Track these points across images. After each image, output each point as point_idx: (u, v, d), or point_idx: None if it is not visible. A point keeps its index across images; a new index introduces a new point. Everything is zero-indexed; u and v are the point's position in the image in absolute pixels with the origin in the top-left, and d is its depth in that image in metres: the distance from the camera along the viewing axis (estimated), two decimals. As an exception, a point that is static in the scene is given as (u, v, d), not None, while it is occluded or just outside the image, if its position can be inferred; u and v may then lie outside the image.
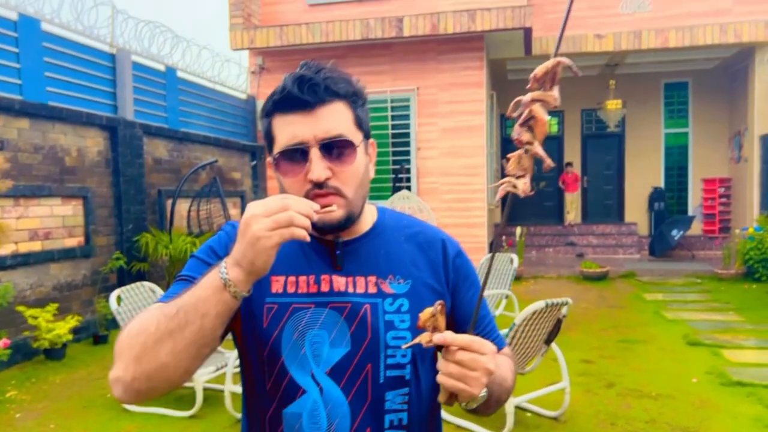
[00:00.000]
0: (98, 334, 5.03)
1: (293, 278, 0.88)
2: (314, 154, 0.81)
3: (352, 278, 0.88)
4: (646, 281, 7.72)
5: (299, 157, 0.82)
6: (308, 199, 0.78)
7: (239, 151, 8.05)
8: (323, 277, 0.87)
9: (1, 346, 3.92)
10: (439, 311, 0.77)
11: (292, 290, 0.87)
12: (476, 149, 7.78)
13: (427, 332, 0.77)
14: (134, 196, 5.81)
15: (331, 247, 0.89)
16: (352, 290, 0.87)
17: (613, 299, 6.68)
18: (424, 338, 0.77)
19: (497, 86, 9.40)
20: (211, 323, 0.72)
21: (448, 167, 7.83)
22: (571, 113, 11.27)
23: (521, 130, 0.72)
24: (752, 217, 8.39)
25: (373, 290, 0.88)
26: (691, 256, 9.70)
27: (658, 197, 10.68)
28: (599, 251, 10.11)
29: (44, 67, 5.11)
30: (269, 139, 0.87)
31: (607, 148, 11.39)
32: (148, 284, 3.99)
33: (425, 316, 0.77)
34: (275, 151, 0.85)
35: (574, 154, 11.38)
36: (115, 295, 3.64)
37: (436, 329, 0.77)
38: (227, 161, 7.73)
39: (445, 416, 3.19)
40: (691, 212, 10.62)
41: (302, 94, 0.81)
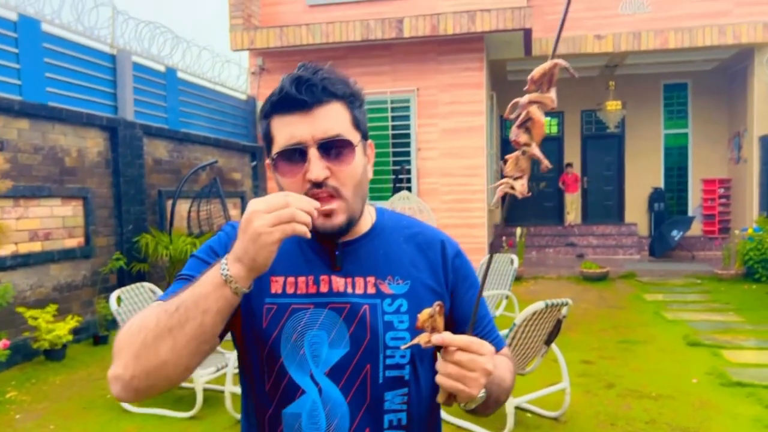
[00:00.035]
0: (98, 334, 5.04)
1: (292, 279, 0.88)
2: (313, 154, 0.81)
3: (351, 279, 0.88)
4: (646, 282, 7.72)
5: (298, 157, 0.82)
6: None
7: (239, 151, 8.06)
8: (322, 277, 0.88)
9: (0, 346, 3.92)
10: (437, 312, 0.77)
11: (291, 291, 0.88)
12: (476, 150, 7.78)
13: (425, 333, 0.77)
14: (134, 196, 5.81)
15: (330, 247, 0.89)
16: (351, 291, 0.87)
17: (613, 300, 6.67)
18: (422, 339, 0.77)
19: (497, 87, 9.41)
20: (211, 319, 0.73)
21: (448, 168, 7.84)
22: (570, 114, 11.28)
23: (518, 131, 0.73)
24: (752, 217, 8.39)
25: (372, 291, 0.88)
26: (691, 256, 9.70)
27: (657, 198, 10.68)
28: (599, 252, 10.11)
29: (44, 67, 5.12)
30: (268, 140, 0.87)
31: (606, 148, 11.40)
32: (148, 285, 4.00)
33: (424, 316, 0.77)
34: (274, 151, 0.85)
35: (574, 154, 11.39)
36: (115, 295, 3.65)
37: (434, 330, 0.77)
38: (227, 162, 7.73)
39: (445, 417, 3.19)
40: (690, 213, 10.62)
41: (300, 94, 0.81)
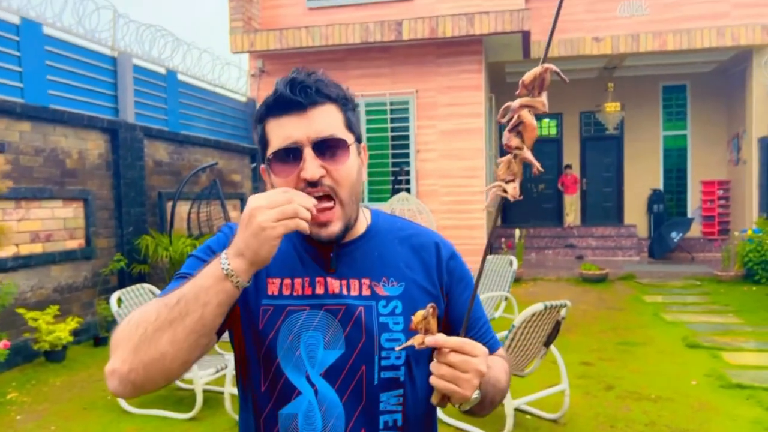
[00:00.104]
0: (99, 335, 5.04)
1: (288, 280, 0.89)
2: (308, 153, 0.82)
3: (346, 281, 0.89)
4: (645, 283, 7.72)
5: (293, 157, 0.83)
6: None
7: (239, 153, 8.08)
8: (318, 279, 0.89)
9: (0, 347, 3.94)
10: (430, 314, 0.78)
11: (287, 292, 0.88)
12: (475, 152, 7.80)
13: (419, 334, 0.78)
14: (135, 198, 5.82)
15: (325, 249, 0.90)
16: (346, 293, 0.88)
17: (612, 301, 6.67)
18: (416, 340, 0.78)
19: (496, 89, 9.42)
20: (212, 312, 0.73)
21: (447, 169, 7.85)
22: (569, 116, 11.29)
23: (510, 135, 0.74)
24: (751, 219, 8.39)
25: (367, 293, 0.88)
26: (690, 258, 9.70)
27: (657, 199, 10.68)
28: (598, 253, 10.11)
29: (46, 70, 5.14)
30: (263, 144, 0.88)
31: (606, 150, 11.41)
32: (148, 286, 4.01)
33: (417, 318, 0.78)
34: (269, 152, 0.86)
35: (573, 156, 11.39)
36: (115, 296, 3.66)
37: (428, 331, 0.78)
38: (227, 164, 7.75)
39: (444, 418, 3.20)
40: (690, 214, 10.62)
41: (294, 95, 0.82)
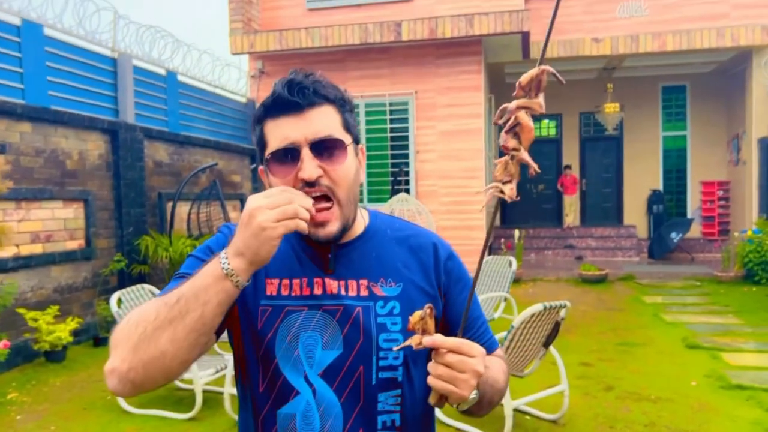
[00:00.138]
0: (98, 336, 5.05)
1: (287, 281, 0.89)
2: (305, 153, 0.83)
3: (344, 281, 0.89)
4: (645, 284, 7.71)
5: (291, 158, 0.84)
6: None
7: (239, 154, 8.09)
8: (316, 280, 0.89)
9: (1, 347, 3.94)
10: (428, 314, 0.78)
11: (285, 293, 0.89)
12: (474, 152, 7.80)
13: (417, 335, 0.78)
14: (135, 199, 5.83)
15: (323, 250, 0.90)
16: (344, 293, 0.88)
17: (611, 302, 6.67)
18: (414, 341, 0.78)
19: (495, 90, 9.43)
20: (211, 312, 0.74)
21: (446, 170, 7.85)
22: (569, 116, 11.30)
23: (507, 136, 0.74)
24: (751, 219, 8.39)
25: (365, 293, 0.89)
26: (690, 258, 9.71)
27: (656, 200, 10.68)
28: (598, 254, 10.11)
29: (46, 71, 5.15)
30: (261, 145, 0.88)
31: (605, 151, 11.41)
32: (148, 287, 4.02)
33: (414, 319, 0.78)
34: (267, 153, 0.86)
35: (572, 156, 11.40)
36: (115, 297, 3.67)
37: (425, 332, 0.78)
38: (227, 164, 7.76)
39: (444, 419, 3.20)
40: (690, 215, 10.63)
41: (292, 96, 0.83)
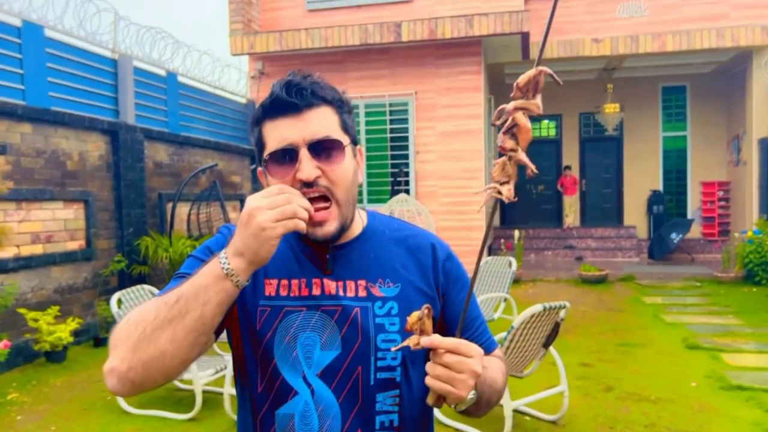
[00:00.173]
0: (99, 336, 5.05)
1: (285, 281, 0.90)
2: (303, 154, 0.83)
3: (342, 282, 0.89)
4: (645, 284, 7.71)
5: (289, 159, 0.84)
6: None
7: (239, 154, 8.10)
8: (314, 280, 0.89)
9: (1, 347, 3.95)
10: (425, 315, 0.78)
11: (284, 293, 0.89)
12: (474, 153, 7.81)
13: (415, 335, 0.78)
14: (135, 199, 5.84)
15: (321, 251, 0.91)
16: (342, 294, 0.89)
17: (611, 302, 6.67)
18: (412, 341, 0.78)
19: (495, 90, 9.43)
20: (211, 311, 0.74)
21: (446, 171, 7.86)
22: (569, 117, 11.30)
23: (505, 137, 0.75)
24: (751, 220, 8.39)
25: (363, 294, 0.89)
26: (690, 259, 9.70)
27: (657, 200, 10.68)
28: (598, 254, 10.11)
29: (47, 72, 5.16)
30: (260, 146, 0.89)
31: (605, 151, 11.41)
32: (148, 287, 4.02)
33: (412, 319, 0.78)
34: (265, 154, 0.86)
35: (572, 157, 11.40)
36: (115, 297, 3.67)
37: (423, 332, 0.78)
38: (227, 165, 7.77)
39: (443, 419, 3.20)
40: (690, 215, 10.62)
41: (290, 97, 0.83)
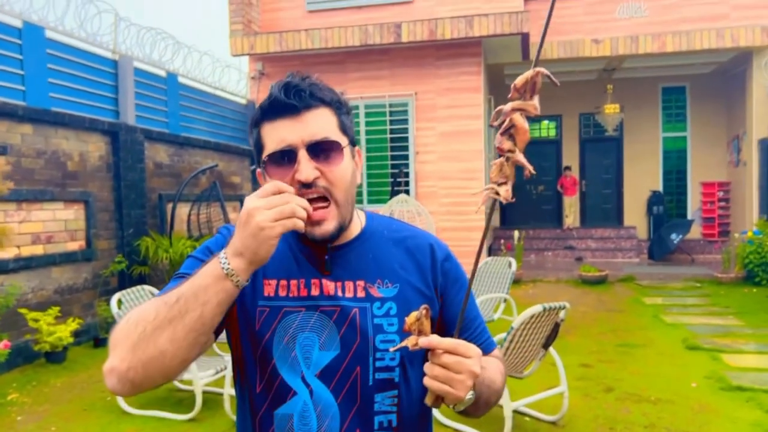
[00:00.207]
0: (99, 337, 5.06)
1: (284, 282, 0.90)
2: (302, 155, 0.83)
3: (341, 282, 0.90)
4: (645, 285, 7.71)
5: (287, 160, 0.84)
6: None
7: (239, 155, 8.10)
8: (313, 281, 0.89)
9: (1, 347, 3.95)
10: (424, 315, 0.78)
11: (283, 294, 0.89)
12: (474, 153, 7.81)
13: (413, 336, 0.79)
14: (135, 200, 5.84)
15: (320, 251, 0.91)
16: (341, 294, 0.89)
17: (611, 303, 6.67)
18: (410, 342, 0.78)
19: (495, 91, 9.43)
20: (211, 311, 0.74)
21: (446, 171, 7.86)
22: (569, 117, 11.30)
23: (502, 138, 0.75)
24: (752, 220, 8.39)
25: (361, 294, 0.89)
26: (690, 259, 9.70)
27: (657, 201, 10.68)
28: (598, 255, 10.11)
29: (48, 73, 5.17)
30: (258, 147, 0.89)
31: (605, 152, 11.41)
32: (148, 288, 4.03)
33: (411, 319, 0.78)
34: (264, 155, 0.87)
35: (572, 157, 11.40)
36: (116, 298, 3.68)
37: (421, 333, 0.78)
38: (227, 165, 7.77)
39: (442, 420, 3.20)
40: (690, 216, 10.62)
41: (289, 99, 0.84)
